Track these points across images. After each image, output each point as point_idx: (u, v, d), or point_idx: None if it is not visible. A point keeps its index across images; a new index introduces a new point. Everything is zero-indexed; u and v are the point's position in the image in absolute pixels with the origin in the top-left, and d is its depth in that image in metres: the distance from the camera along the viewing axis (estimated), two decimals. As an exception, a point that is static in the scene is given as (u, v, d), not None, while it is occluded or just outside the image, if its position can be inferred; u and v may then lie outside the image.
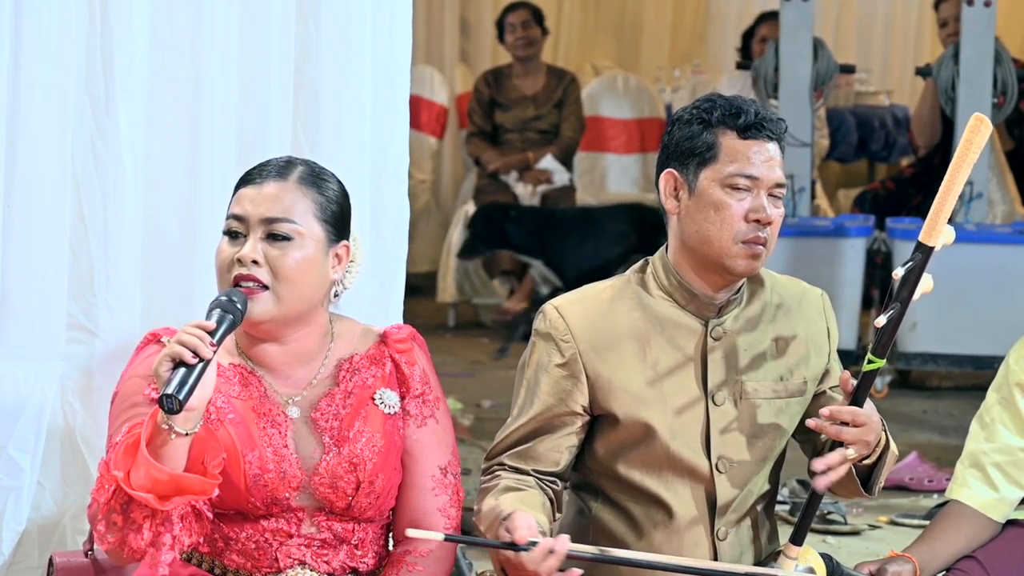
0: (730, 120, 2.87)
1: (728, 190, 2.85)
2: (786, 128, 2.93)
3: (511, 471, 2.90)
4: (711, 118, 2.88)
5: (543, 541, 2.65)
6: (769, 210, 2.85)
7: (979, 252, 6.59)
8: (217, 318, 2.66)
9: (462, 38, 10.65)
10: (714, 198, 2.86)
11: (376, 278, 3.52)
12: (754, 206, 2.85)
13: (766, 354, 2.94)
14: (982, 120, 2.80)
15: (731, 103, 2.89)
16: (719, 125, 2.87)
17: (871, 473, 2.93)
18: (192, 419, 2.60)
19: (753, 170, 2.85)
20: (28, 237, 3.34)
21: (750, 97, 3.06)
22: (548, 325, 2.92)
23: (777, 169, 2.87)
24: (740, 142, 2.86)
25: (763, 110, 2.89)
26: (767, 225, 2.85)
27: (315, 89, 3.49)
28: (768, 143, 2.87)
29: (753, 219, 2.85)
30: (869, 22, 11.23)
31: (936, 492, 5.19)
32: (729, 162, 2.86)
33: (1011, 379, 3.30)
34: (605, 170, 9.30)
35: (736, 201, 2.85)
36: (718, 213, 2.85)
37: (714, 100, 2.91)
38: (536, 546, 2.64)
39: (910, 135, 8.16)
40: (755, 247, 2.85)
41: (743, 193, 2.85)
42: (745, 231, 2.85)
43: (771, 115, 2.89)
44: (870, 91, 10.21)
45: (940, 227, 2.76)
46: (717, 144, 2.87)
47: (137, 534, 2.61)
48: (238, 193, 2.84)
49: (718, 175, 2.86)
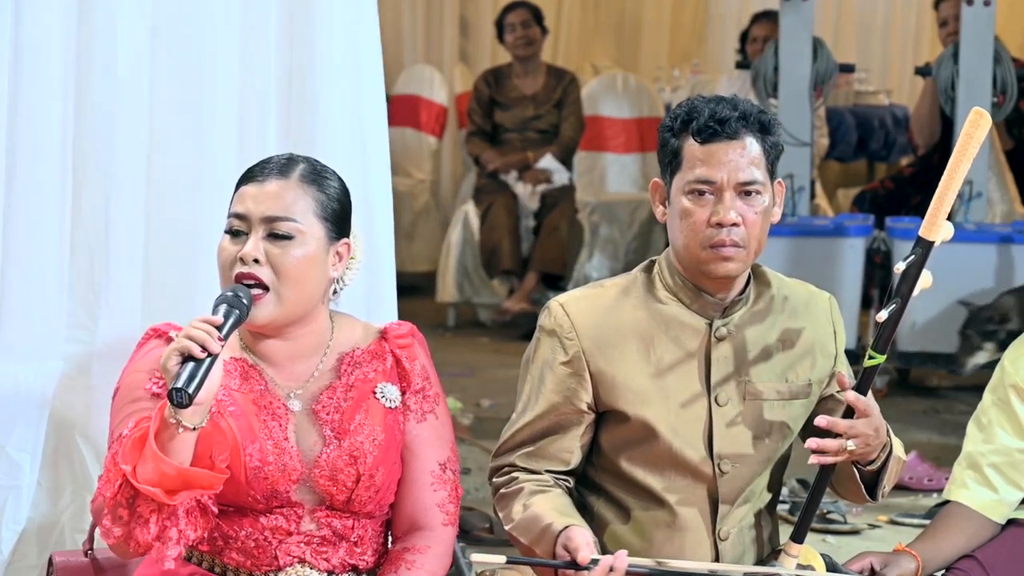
0: (688, 125, 2.84)
1: (691, 196, 2.83)
2: (770, 120, 2.86)
3: (524, 472, 2.91)
4: (675, 125, 2.86)
5: (603, 559, 2.66)
6: (733, 212, 2.81)
7: (979, 251, 6.59)
8: (224, 313, 2.67)
9: (462, 38, 10.65)
10: (680, 206, 2.84)
11: (366, 279, 3.51)
12: (715, 209, 2.82)
13: (771, 355, 2.94)
14: (981, 114, 2.79)
15: (690, 108, 2.85)
16: (681, 132, 2.85)
17: (876, 479, 2.92)
18: (200, 413, 2.61)
19: (710, 174, 2.82)
20: (28, 237, 3.34)
21: (745, 97, 3.03)
22: (553, 322, 2.92)
23: (744, 168, 2.81)
24: (698, 147, 2.83)
25: (724, 109, 2.82)
26: (733, 227, 2.81)
27: (302, 90, 3.49)
28: (730, 142, 2.81)
29: (715, 223, 2.81)
30: (869, 22, 11.24)
31: (936, 491, 5.19)
32: (690, 168, 2.83)
33: (1007, 381, 3.30)
34: (605, 169, 9.30)
35: (699, 207, 2.82)
36: (684, 221, 2.84)
37: (682, 105, 2.88)
38: (598, 564, 2.65)
39: (909, 134, 8.16)
40: (723, 250, 2.82)
41: (706, 198, 2.82)
42: (709, 236, 2.82)
43: (732, 113, 2.81)
44: (869, 91, 10.21)
45: (940, 222, 2.76)
46: (681, 151, 2.85)
47: (143, 528, 2.62)
48: (240, 191, 2.85)
49: (682, 182, 2.84)
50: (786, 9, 7.04)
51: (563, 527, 2.74)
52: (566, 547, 2.69)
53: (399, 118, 9.68)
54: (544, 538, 2.76)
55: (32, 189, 3.33)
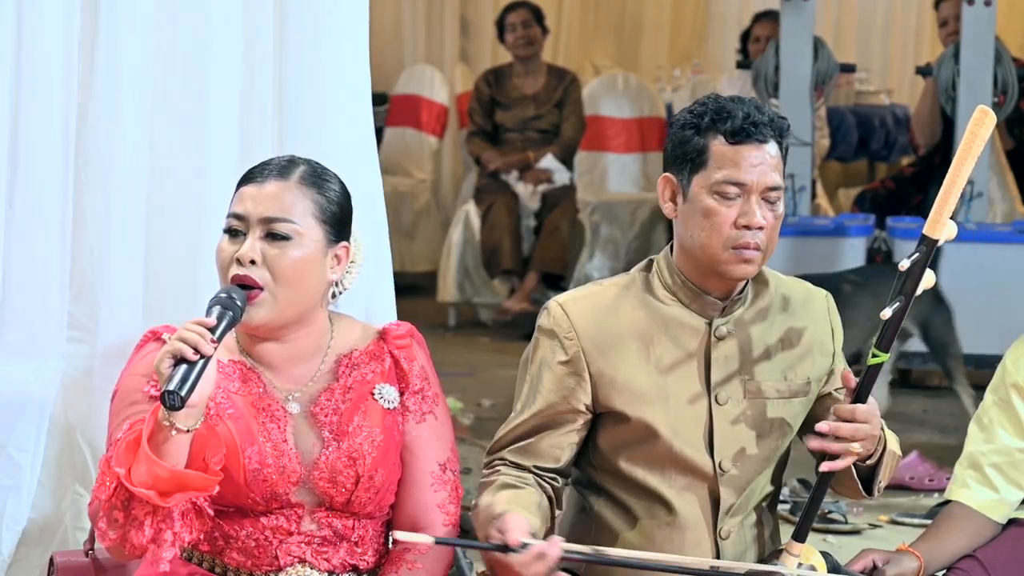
0: (719, 125, 2.83)
1: (717, 197, 2.83)
2: (788, 127, 2.88)
3: (511, 467, 2.90)
4: (701, 123, 2.85)
5: (534, 544, 2.64)
6: (760, 215, 2.82)
7: (979, 251, 6.59)
8: (217, 315, 2.67)
9: (462, 38, 10.65)
10: (704, 205, 2.84)
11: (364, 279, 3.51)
12: (743, 212, 2.82)
13: (770, 353, 2.94)
14: (986, 112, 2.79)
15: (721, 107, 2.85)
16: (708, 130, 2.84)
17: (872, 474, 2.92)
18: (193, 415, 2.61)
19: (741, 176, 2.82)
20: (28, 237, 3.34)
21: (750, 96, 3.03)
22: (552, 322, 2.92)
23: (770, 173, 2.83)
24: (729, 147, 2.83)
25: (755, 112, 2.84)
26: (758, 230, 2.83)
27: (298, 91, 3.48)
28: (760, 146, 2.83)
29: (742, 225, 2.82)
30: (869, 21, 11.24)
31: (936, 491, 5.19)
32: (717, 168, 2.83)
33: (1008, 380, 3.30)
34: (605, 169, 9.30)
35: (725, 208, 2.83)
36: (708, 220, 2.84)
37: (706, 104, 2.87)
38: (528, 548, 2.63)
39: (910, 134, 8.16)
40: (746, 252, 2.83)
41: (732, 200, 2.83)
42: (735, 237, 2.83)
43: (762, 117, 2.84)
44: (870, 90, 10.21)
45: (944, 220, 2.76)
46: (707, 150, 2.84)
47: (138, 531, 2.62)
48: (239, 191, 2.85)
49: (708, 181, 2.84)
50: (787, 9, 7.04)
51: (502, 512, 2.71)
52: (499, 529, 2.66)
53: (399, 118, 9.69)
54: (486, 524, 2.74)
55: (33, 189, 3.33)
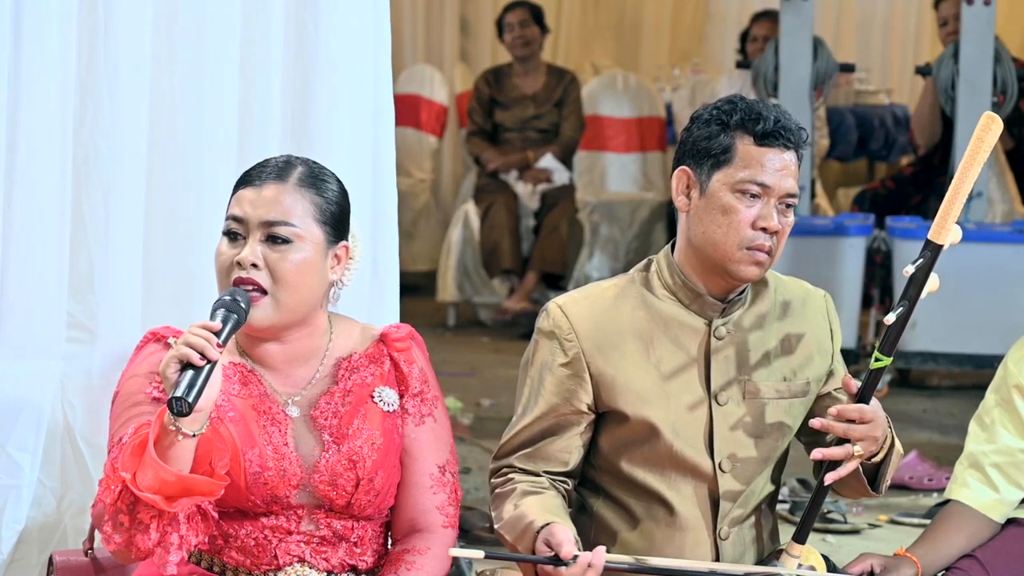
0: (749, 125, 2.85)
1: (738, 195, 2.84)
2: (807, 138, 2.91)
3: (522, 473, 2.91)
4: (730, 121, 2.86)
5: (582, 555, 2.66)
6: (777, 219, 2.84)
7: (979, 251, 6.59)
8: (222, 318, 2.66)
9: (462, 37, 10.65)
10: (723, 201, 2.85)
11: (370, 280, 3.51)
12: (762, 214, 2.84)
13: (770, 354, 2.94)
14: (993, 119, 2.80)
15: (752, 108, 2.87)
16: (737, 129, 2.86)
17: (877, 471, 2.93)
18: (199, 420, 2.60)
19: (766, 178, 2.84)
20: (28, 237, 3.34)
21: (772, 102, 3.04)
22: (552, 323, 2.92)
23: (790, 179, 2.86)
24: (756, 148, 2.85)
25: (784, 118, 2.87)
26: (773, 234, 2.85)
27: (305, 90, 3.49)
28: (784, 152, 2.85)
29: (760, 227, 2.84)
30: (869, 21, 11.25)
31: (936, 491, 5.19)
32: (743, 167, 2.85)
33: (1010, 381, 3.30)
34: (605, 169, 9.30)
35: (745, 207, 2.84)
36: (726, 217, 2.85)
37: (735, 103, 2.89)
38: (577, 560, 2.65)
39: (910, 134, 8.16)
40: (758, 254, 2.85)
41: (753, 200, 2.84)
42: (751, 237, 2.84)
43: (791, 124, 2.87)
44: (870, 90, 10.21)
45: (949, 225, 2.76)
46: (733, 148, 2.86)
47: (144, 534, 2.61)
48: (237, 194, 2.84)
49: (730, 179, 2.85)
50: (786, 8, 7.04)
51: (544, 523, 2.74)
52: (548, 543, 2.70)
53: (399, 118, 9.58)
54: (526, 535, 2.76)
55: (32, 189, 3.33)
